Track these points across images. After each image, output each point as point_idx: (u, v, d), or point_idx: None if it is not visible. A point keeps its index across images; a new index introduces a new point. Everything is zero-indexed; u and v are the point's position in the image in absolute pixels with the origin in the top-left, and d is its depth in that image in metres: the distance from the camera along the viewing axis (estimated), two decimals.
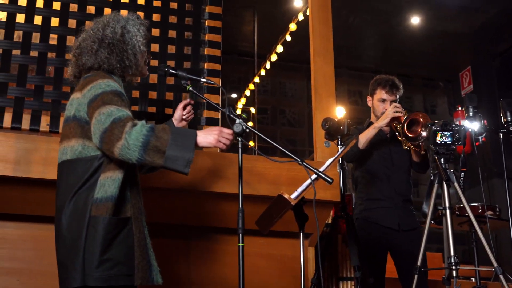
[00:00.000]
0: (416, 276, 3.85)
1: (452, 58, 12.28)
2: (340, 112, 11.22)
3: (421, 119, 4.34)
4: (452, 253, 3.78)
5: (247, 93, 11.05)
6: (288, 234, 4.21)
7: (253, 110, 11.28)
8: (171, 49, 4.57)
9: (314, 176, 3.16)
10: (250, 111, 11.23)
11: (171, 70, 3.30)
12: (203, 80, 3.35)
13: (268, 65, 10.10)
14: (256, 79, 10.63)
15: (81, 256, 2.68)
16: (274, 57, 9.83)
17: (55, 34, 4.33)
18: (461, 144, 3.98)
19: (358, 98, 13.63)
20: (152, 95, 4.38)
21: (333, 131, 4.33)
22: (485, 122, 4.34)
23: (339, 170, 4.41)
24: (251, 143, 9.15)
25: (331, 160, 3.41)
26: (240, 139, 3.08)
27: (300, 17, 8.70)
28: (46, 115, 4.16)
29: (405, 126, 4.36)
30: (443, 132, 3.94)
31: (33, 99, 4.13)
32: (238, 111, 10.74)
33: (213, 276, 4.23)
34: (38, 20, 4.33)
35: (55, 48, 4.29)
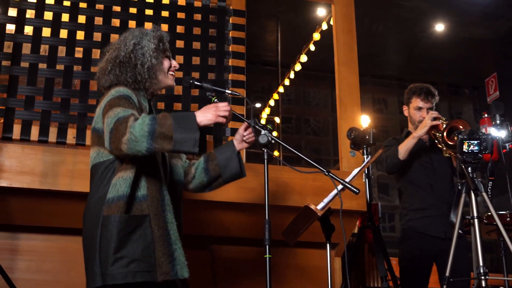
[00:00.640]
0: (445, 287, 3.81)
1: (478, 65, 12.17)
2: (365, 121, 11.16)
3: (461, 127, 4.29)
4: (481, 263, 3.74)
5: (271, 103, 11.03)
6: (315, 245, 4.20)
7: (278, 120, 11.27)
8: (196, 61, 4.58)
9: (341, 187, 3.14)
10: (275, 121, 11.22)
11: (196, 82, 3.30)
12: (228, 92, 3.35)
13: (292, 75, 10.09)
14: (280, 89, 10.62)
15: (97, 256, 2.73)
16: (298, 67, 9.80)
17: (81, 47, 4.36)
18: (489, 153, 3.94)
19: (383, 106, 13.56)
20: (177, 107, 4.39)
21: (359, 141, 4.32)
22: None
23: (365, 180, 4.39)
24: (276, 153, 9.14)
25: (357, 171, 3.39)
26: (266, 150, 3.07)
27: (324, 27, 8.67)
28: (73, 128, 4.19)
29: (445, 134, 4.32)
30: (470, 141, 3.90)
31: (60, 112, 4.16)
32: (263, 121, 10.76)
33: None
34: (64, 34, 4.36)
35: (81, 61, 4.32)
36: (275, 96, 10.89)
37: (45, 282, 3.93)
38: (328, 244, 3.30)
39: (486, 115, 4.81)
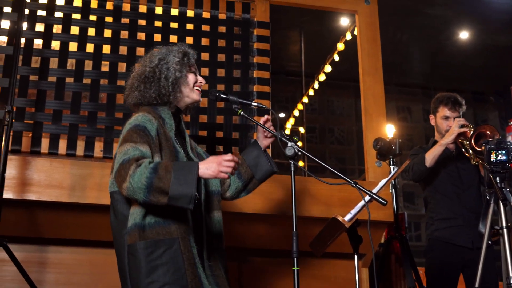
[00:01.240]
0: None
1: (502, 72, 12.09)
2: (390, 130, 11.12)
3: (489, 132, 4.26)
4: (511, 274, 3.70)
5: (296, 113, 11.04)
6: (342, 255, 4.19)
7: (302, 130, 11.27)
8: (221, 73, 4.59)
9: (368, 198, 3.13)
10: (299, 131, 11.22)
11: (222, 95, 3.31)
12: (254, 104, 3.36)
13: (317, 85, 10.10)
14: (305, 99, 10.63)
15: (129, 285, 2.80)
16: (323, 77, 9.81)
17: (107, 61, 4.40)
18: None
19: (407, 115, 13.53)
20: (203, 119, 4.40)
21: (385, 151, 4.31)
22: None
23: (392, 190, 4.38)
24: (301, 163, 9.13)
25: (384, 182, 3.38)
26: (293, 162, 3.08)
27: (348, 37, 8.67)
28: (100, 141, 4.22)
29: (473, 140, 4.29)
30: (498, 151, 3.86)
31: (87, 126, 4.20)
32: (287, 131, 10.75)
33: None
34: (90, 48, 4.41)
35: (107, 75, 4.35)
36: (300, 106, 10.90)
37: None
38: (356, 255, 3.29)
39: None
